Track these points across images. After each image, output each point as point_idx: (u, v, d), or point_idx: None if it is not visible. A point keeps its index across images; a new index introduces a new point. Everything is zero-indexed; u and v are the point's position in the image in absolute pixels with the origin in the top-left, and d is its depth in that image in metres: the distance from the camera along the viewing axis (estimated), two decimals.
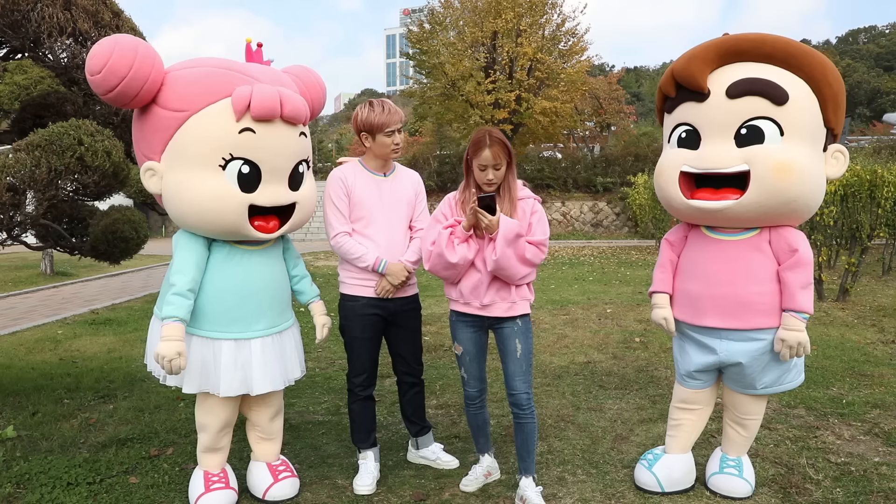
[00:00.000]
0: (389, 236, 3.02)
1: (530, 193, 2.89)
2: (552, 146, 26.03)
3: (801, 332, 2.62)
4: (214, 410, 2.76)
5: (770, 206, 2.55)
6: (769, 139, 2.51)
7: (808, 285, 2.62)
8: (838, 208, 8.03)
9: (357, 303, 3.06)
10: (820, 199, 2.69)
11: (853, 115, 48.13)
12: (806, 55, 2.54)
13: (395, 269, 2.99)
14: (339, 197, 3.00)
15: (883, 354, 5.38)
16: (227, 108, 2.45)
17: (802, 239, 2.67)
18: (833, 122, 2.60)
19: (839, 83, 2.57)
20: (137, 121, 2.61)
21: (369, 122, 2.97)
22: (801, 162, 2.52)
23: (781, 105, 2.49)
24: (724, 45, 2.58)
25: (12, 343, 6.39)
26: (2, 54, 3.98)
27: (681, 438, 3.02)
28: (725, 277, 2.68)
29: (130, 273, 12.92)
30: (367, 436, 3.16)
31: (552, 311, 7.61)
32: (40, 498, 2.92)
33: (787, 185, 2.50)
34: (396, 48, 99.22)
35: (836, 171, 2.67)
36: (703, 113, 2.61)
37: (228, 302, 2.64)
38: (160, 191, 2.58)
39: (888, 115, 34.77)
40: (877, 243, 9.64)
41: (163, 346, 2.45)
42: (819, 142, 2.61)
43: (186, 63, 2.60)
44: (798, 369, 2.84)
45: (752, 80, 2.51)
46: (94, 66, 2.37)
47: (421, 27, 22.91)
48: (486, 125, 20.32)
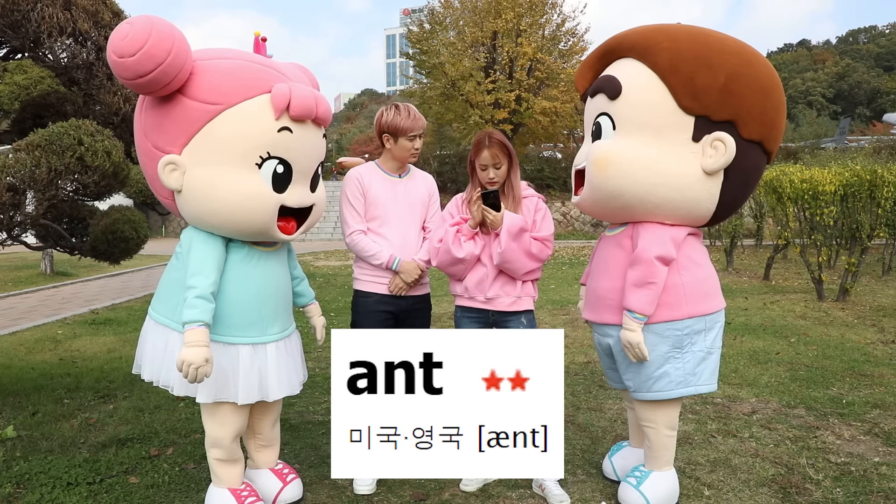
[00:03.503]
0: (403, 235, 3.08)
1: (534, 192, 3.00)
2: (552, 146, 26.05)
3: (631, 332, 2.52)
4: (228, 421, 2.59)
5: (599, 199, 2.60)
6: (604, 134, 2.57)
7: (642, 284, 2.49)
8: (838, 208, 8.04)
9: (370, 299, 3.10)
10: (677, 194, 2.46)
11: (853, 115, 48.11)
12: (650, 41, 2.44)
13: (408, 267, 3.03)
14: (356, 196, 3.06)
15: (883, 354, 5.38)
16: (266, 106, 2.35)
17: (651, 233, 2.53)
18: (699, 107, 2.37)
19: (696, 64, 2.35)
20: (154, 110, 2.39)
21: (395, 125, 3.03)
22: (624, 155, 2.45)
23: (614, 99, 2.50)
24: (601, 48, 2.68)
25: (12, 343, 6.39)
26: (2, 54, 3.98)
27: (632, 432, 3.07)
28: (596, 271, 2.80)
29: (130, 273, 12.93)
30: None
31: (552, 311, 7.61)
32: (40, 498, 2.92)
33: (605, 179, 2.50)
34: (396, 48, 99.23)
35: (712, 162, 2.41)
36: (585, 114, 2.77)
37: (248, 305, 2.53)
38: (181, 187, 2.39)
39: (888, 115, 34.81)
40: (877, 243, 9.64)
41: (189, 353, 2.27)
42: (671, 132, 2.42)
43: (211, 53, 2.44)
44: (678, 377, 2.58)
45: (599, 78, 2.61)
46: (126, 47, 2.15)
47: (421, 27, 22.94)
48: (486, 125, 20.41)
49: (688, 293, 2.57)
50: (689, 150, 2.43)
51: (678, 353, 2.59)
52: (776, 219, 9.88)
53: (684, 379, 2.59)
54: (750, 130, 2.43)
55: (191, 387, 2.47)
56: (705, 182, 2.47)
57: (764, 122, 2.46)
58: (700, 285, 2.61)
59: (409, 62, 24.88)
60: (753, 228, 13.26)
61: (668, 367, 2.58)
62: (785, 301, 8.16)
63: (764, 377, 4.75)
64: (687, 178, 2.45)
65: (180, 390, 2.49)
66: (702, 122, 2.40)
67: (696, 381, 2.61)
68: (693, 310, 2.57)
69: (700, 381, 2.62)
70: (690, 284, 2.58)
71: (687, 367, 2.59)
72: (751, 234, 13.78)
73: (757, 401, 4.23)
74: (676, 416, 2.74)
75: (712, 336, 2.64)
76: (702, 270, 2.64)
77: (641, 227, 2.58)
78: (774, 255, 10.54)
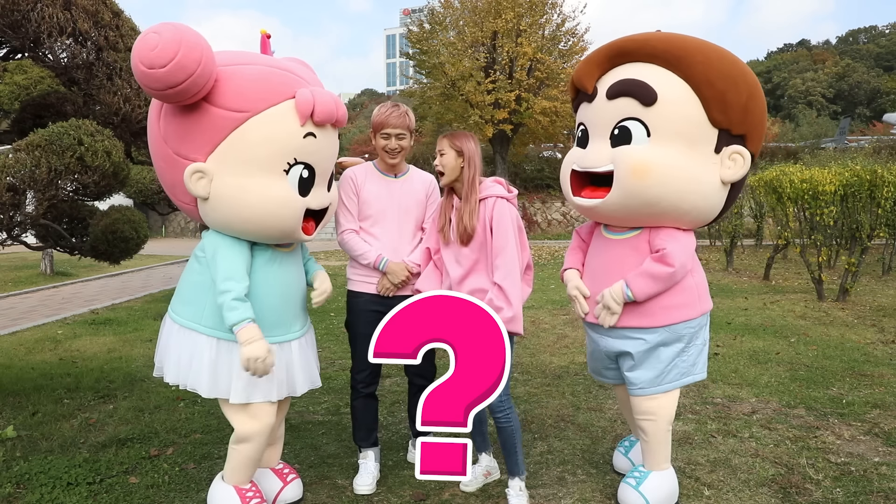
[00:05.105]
0: (396, 236, 3.07)
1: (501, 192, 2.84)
2: (552, 146, 26.03)
3: (614, 301, 2.63)
4: (260, 415, 2.58)
5: (632, 206, 2.58)
6: (636, 140, 2.54)
7: (657, 278, 2.58)
8: (838, 208, 8.04)
9: (360, 299, 3.11)
10: (703, 201, 2.61)
11: (853, 115, 48.12)
12: (686, 53, 2.48)
13: (394, 268, 3.01)
14: (348, 196, 3.08)
15: (883, 354, 5.38)
16: (290, 112, 2.36)
17: (675, 241, 2.61)
18: (725, 122, 2.50)
19: (728, 81, 2.47)
20: (176, 117, 2.36)
21: (373, 121, 3.08)
22: (664, 163, 2.49)
23: (649, 106, 2.49)
24: (613, 48, 2.64)
25: (12, 343, 6.39)
26: (2, 54, 3.98)
27: (634, 430, 3.10)
28: (606, 275, 2.74)
29: (130, 273, 12.92)
30: (368, 434, 3.17)
31: (552, 311, 7.60)
32: (40, 498, 2.92)
33: (645, 187, 2.51)
34: (396, 48, 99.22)
35: (731, 173, 2.57)
36: (591, 114, 2.70)
37: (274, 305, 2.58)
38: (208, 194, 2.38)
39: (888, 115, 34.79)
40: (877, 243, 9.64)
41: (250, 350, 2.34)
42: (702, 143, 2.53)
43: (230, 58, 2.41)
44: (682, 369, 2.74)
45: (625, 82, 2.55)
46: (157, 58, 2.12)
47: (421, 27, 22.92)
48: (487, 125, 20.41)
49: (700, 293, 2.73)
50: (711, 161, 2.56)
51: (686, 348, 2.73)
52: (776, 219, 9.88)
53: (687, 370, 2.76)
54: (754, 145, 2.61)
55: (222, 389, 2.50)
56: (720, 190, 2.63)
57: (761, 137, 2.67)
58: (704, 284, 2.78)
59: (409, 62, 24.87)
60: (753, 228, 13.27)
61: (677, 361, 2.73)
62: (785, 301, 8.16)
63: (764, 377, 4.75)
64: (710, 186, 2.59)
65: (210, 392, 2.50)
66: (723, 136, 2.54)
67: (694, 370, 2.79)
68: (702, 307, 2.74)
69: (696, 371, 2.80)
70: (700, 284, 2.75)
71: (690, 359, 2.75)
72: (751, 234, 13.78)
73: (757, 401, 4.23)
74: (675, 407, 2.81)
75: (707, 329, 2.83)
76: (702, 270, 2.80)
77: (664, 231, 2.65)
78: (774, 255, 10.54)
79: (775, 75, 66.06)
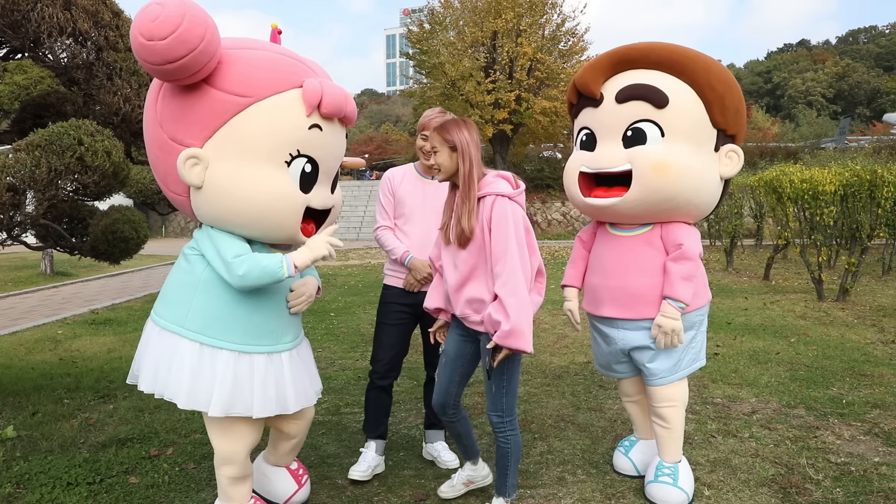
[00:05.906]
0: (424, 235, 3.15)
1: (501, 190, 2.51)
2: (552, 146, 26.05)
3: (675, 321, 2.74)
4: (243, 434, 2.40)
5: (651, 202, 2.72)
6: (651, 140, 2.70)
7: (689, 277, 2.74)
8: (838, 208, 8.04)
9: (390, 292, 3.27)
10: (709, 196, 2.82)
11: (853, 115, 48.12)
12: (689, 61, 2.69)
13: (417, 265, 3.12)
14: (385, 194, 3.28)
15: (883, 354, 5.38)
16: (297, 101, 2.23)
17: (690, 234, 2.80)
18: (723, 123, 2.73)
19: (725, 86, 2.70)
20: (174, 99, 2.23)
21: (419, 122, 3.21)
22: (680, 161, 2.67)
23: (662, 108, 2.66)
24: (618, 55, 2.79)
25: (12, 343, 6.39)
26: (2, 54, 3.98)
27: (639, 425, 3.22)
28: (619, 270, 2.87)
29: (130, 273, 12.91)
30: (375, 426, 3.26)
31: (552, 311, 7.60)
32: (40, 498, 2.92)
33: (665, 183, 2.66)
34: (396, 48, 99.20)
35: (729, 169, 2.80)
36: (598, 118, 2.83)
37: (266, 311, 2.38)
38: (202, 183, 2.22)
39: (888, 115, 34.78)
40: (877, 243, 9.64)
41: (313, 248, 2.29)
42: (705, 142, 2.75)
43: (237, 42, 2.31)
44: (693, 354, 2.92)
45: (637, 86, 2.71)
46: (157, 30, 2.00)
47: (421, 27, 22.94)
48: (487, 125, 20.43)
49: (704, 282, 2.94)
50: (712, 159, 2.79)
51: (696, 335, 2.93)
52: (776, 219, 9.88)
53: (696, 355, 2.96)
54: (740, 143, 2.89)
55: (201, 401, 2.27)
56: (719, 185, 2.86)
57: (743, 137, 2.93)
58: (705, 275, 2.97)
59: (409, 62, 24.88)
60: (753, 228, 13.27)
61: (689, 347, 2.90)
62: (785, 301, 8.16)
63: (764, 377, 4.75)
64: (714, 182, 2.81)
65: (186, 403, 2.27)
66: (721, 135, 2.78)
67: (700, 356, 2.99)
68: (707, 296, 2.95)
69: (701, 356, 3.01)
70: (704, 275, 2.94)
71: (698, 345, 2.95)
72: (751, 234, 13.78)
73: (757, 401, 4.23)
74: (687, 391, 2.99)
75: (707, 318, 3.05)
76: None
77: (676, 226, 2.80)
78: (774, 255, 10.54)
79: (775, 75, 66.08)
